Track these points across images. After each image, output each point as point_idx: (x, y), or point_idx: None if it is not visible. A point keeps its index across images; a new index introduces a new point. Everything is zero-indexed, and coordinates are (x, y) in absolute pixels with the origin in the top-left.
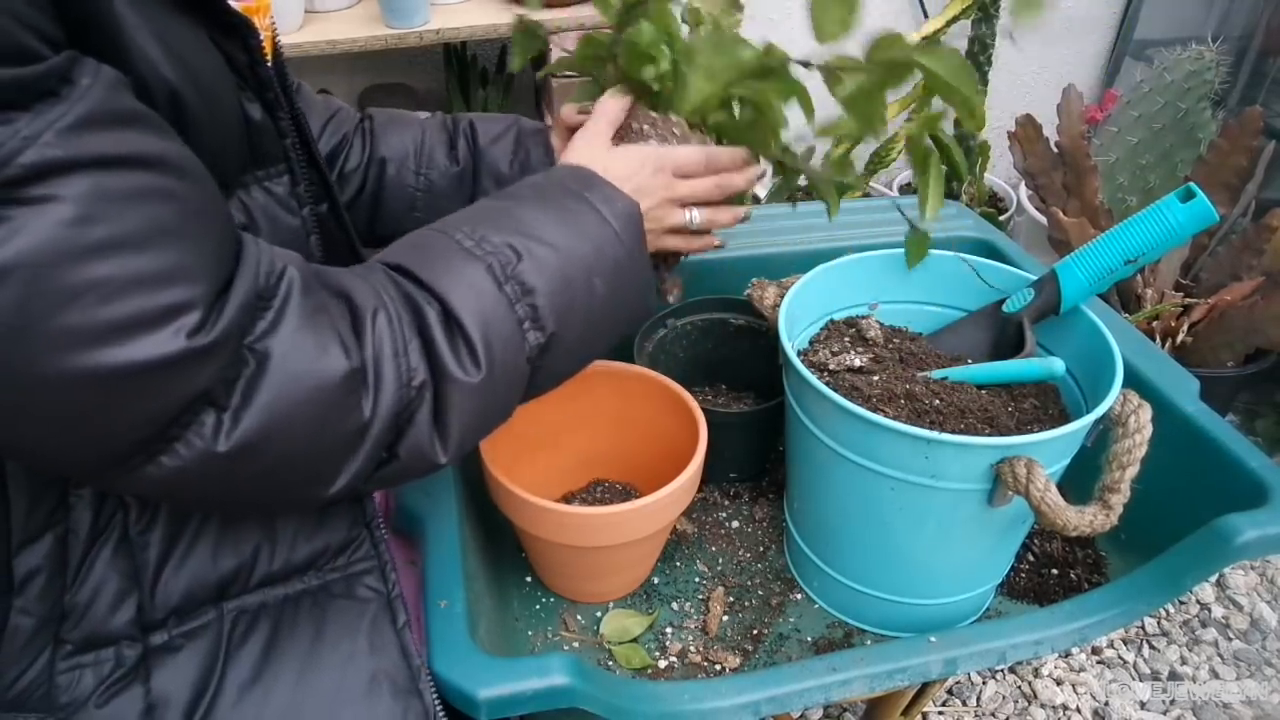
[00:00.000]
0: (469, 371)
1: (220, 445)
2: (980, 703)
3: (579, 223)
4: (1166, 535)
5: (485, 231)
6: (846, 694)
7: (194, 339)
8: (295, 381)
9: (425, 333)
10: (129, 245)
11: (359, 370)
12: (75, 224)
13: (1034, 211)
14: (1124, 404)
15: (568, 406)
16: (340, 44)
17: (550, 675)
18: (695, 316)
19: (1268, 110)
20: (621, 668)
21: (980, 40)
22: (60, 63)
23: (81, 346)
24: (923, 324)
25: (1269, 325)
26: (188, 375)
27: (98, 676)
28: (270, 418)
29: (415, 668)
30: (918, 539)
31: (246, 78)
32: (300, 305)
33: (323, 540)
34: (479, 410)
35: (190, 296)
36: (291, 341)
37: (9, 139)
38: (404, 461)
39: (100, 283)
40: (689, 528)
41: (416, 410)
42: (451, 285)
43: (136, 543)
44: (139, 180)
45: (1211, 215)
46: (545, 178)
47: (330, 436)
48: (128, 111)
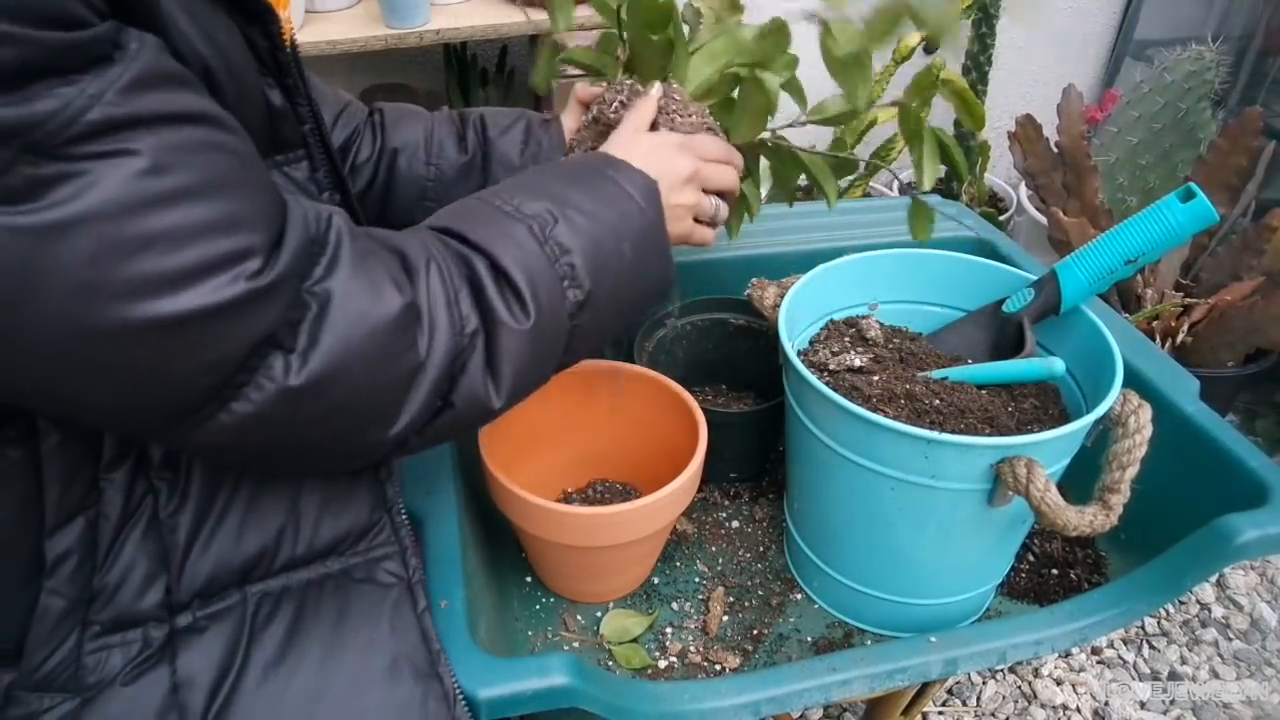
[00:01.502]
0: (519, 319)
1: (292, 381)
2: (980, 703)
3: (605, 194)
4: (1166, 535)
5: (521, 200)
6: (846, 694)
7: (254, 280)
8: (356, 320)
9: (475, 282)
10: (193, 195)
11: (413, 305)
12: (144, 175)
13: (1034, 211)
14: (1124, 404)
15: (568, 406)
16: (340, 44)
17: (550, 675)
18: (695, 316)
19: (1268, 110)
20: (621, 668)
21: (980, 40)
22: (107, 29)
23: (151, 295)
24: (923, 324)
25: (1269, 325)
26: (252, 318)
27: (125, 657)
28: (336, 357)
29: (435, 651)
30: (918, 539)
31: (268, 63)
32: (352, 249)
33: (345, 524)
34: (530, 356)
35: (251, 243)
36: (350, 283)
37: (76, 97)
38: (459, 409)
39: (167, 232)
40: (689, 528)
41: (470, 357)
42: (497, 241)
43: (165, 525)
44: (197, 134)
45: (1211, 215)
46: (569, 159)
47: (389, 374)
48: (176, 72)
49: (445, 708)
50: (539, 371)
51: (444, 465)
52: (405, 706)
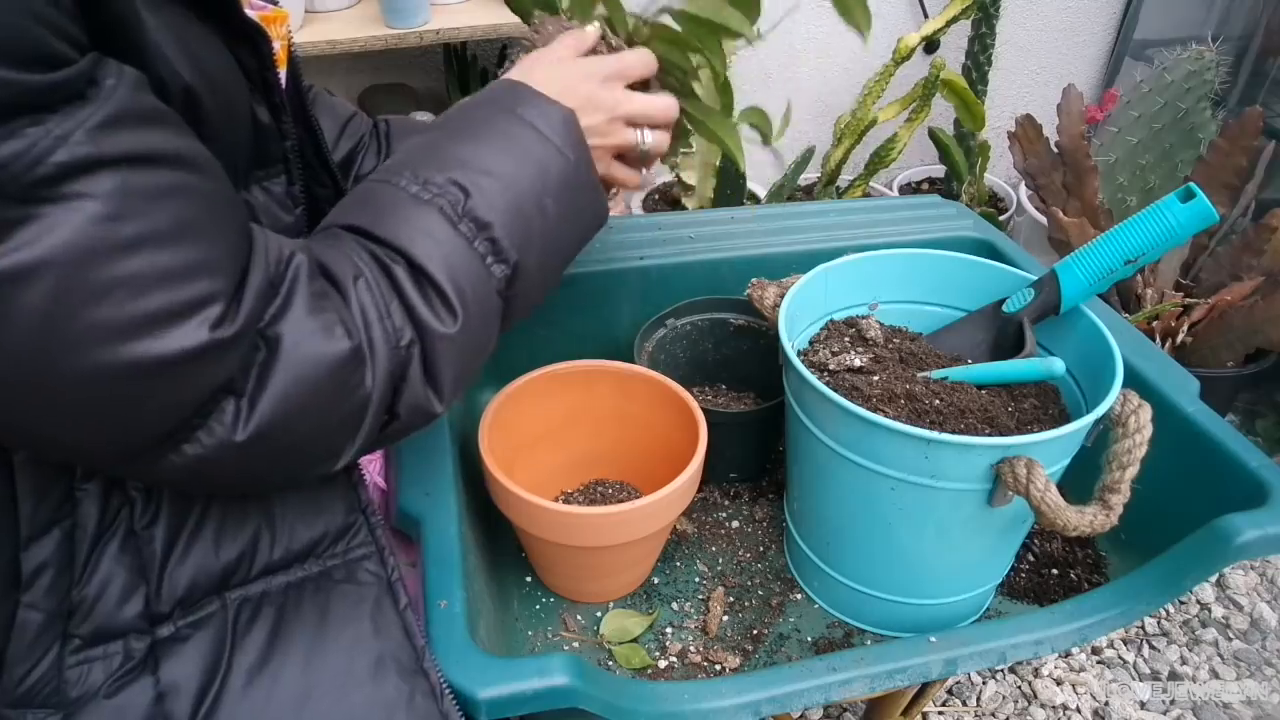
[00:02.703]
0: (445, 322)
1: (238, 434)
2: (980, 703)
3: (519, 145)
4: (1166, 535)
5: (427, 173)
6: (846, 694)
7: (217, 330)
8: (305, 365)
9: (400, 292)
10: (156, 241)
11: (359, 349)
12: (106, 221)
13: (1034, 211)
14: (1124, 404)
15: (568, 406)
16: (340, 44)
17: (550, 675)
18: (695, 316)
19: (1268, 110)
20: (621, 668)
21: (980, 40)
22: (85, 66)
23: (112, 341)
24: (923, 324)
25: (1269, 325)
26: (212, 366)
27: (107, 670)
28: (284, 401)
29: (419, 648)
30: (918, 539)
31: (256, 82)
32: (307, 290)
33: (320, 527)
34: (464, 355)
35: (213, 289)
36: (300, 326)
37: (41, 138)
38: (404, 419)
39: (129, 278)
40: (689, 528)
41: (408, 368)
42: (411, 236)
43: (142, 537)
44: (164, 177)
45: (1211, 215)
46: (476, 98)
47: (338, 413)
48: (150, 110)
49: (432, 703)
50: (479, 358)
51: (444, 465)
52: (392, 704)
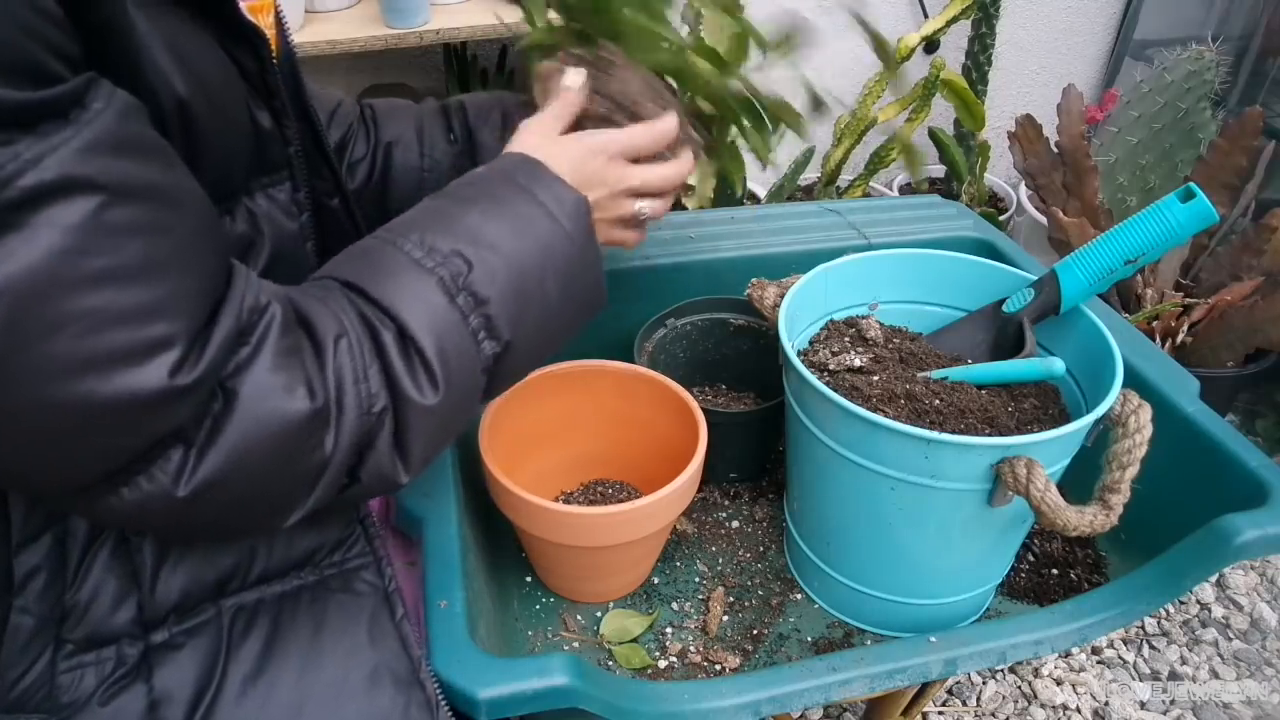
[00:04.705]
0: (426, 394)
1: (180, 487)
2: (980, 703)
3: (527, 223)
4: (1166, 535)
5: (434, 240)
6: (846, 694)
7: (175, 377)
8: (260, 422)
9: (383, 356)
10: (120, 278)
11: (322, 410)
12: (68, 254)
13: (1034, 211)
14: (1124, 404)
15: (567, 406)
16: (340, 44)
17: (550, 675)
18: (695, 316)
19: (1268, 110)
20: (621, 668)
21: (980, 40)
22: (75, 87)
23: (63, 376)
24: (923, 324)
25: (1269, 325)
26: (165, 412)
27: (99, 675)
28: (233, 457)
29: (416, 659)
30: (918, 539)
31: (256, 86)
32: (276, 345)
33: (317, 538)
34: (438, 429)
35: (174, 331)
36: (262, 381)
37: (8, 161)
38: (365, 484)
39: (87, 314)
40: (689, 528)
41: (377, 435)
42: (406, 303)
43: (133, 544)
44: (136, 213)
45: (1211, 215)
46: (490, 170)
47: (291, 474)
48: (134, 139)
49: (428, 715)
50: (452, 433)
51: (444, 465)
52: (387, 715)
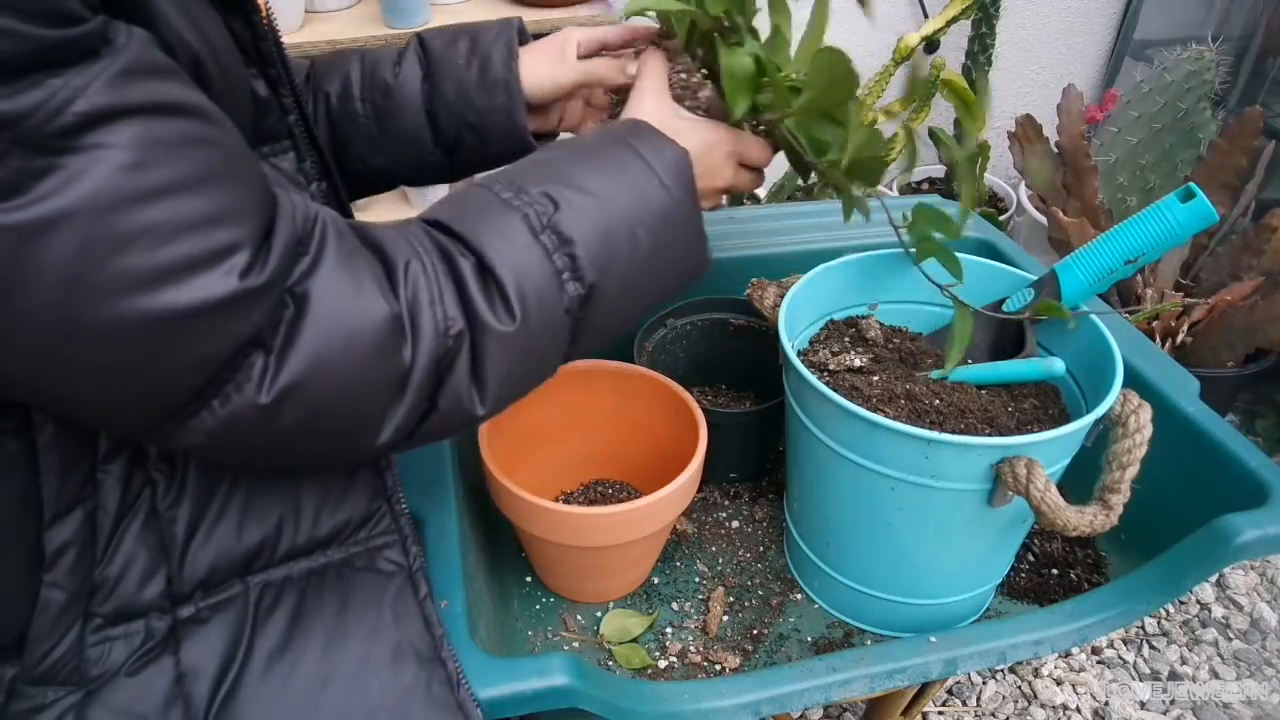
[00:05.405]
0: (503, 320)
1: (263, 395)
2: (980, 703)
3: (622, 170)
4: (1166, 535)
5: (524, 182)
6: (846, 694)
7: (246, 279)
8: (335, 323)
9: (460, 282)
10: (180, 189)
11: (397, 315)
12: (130, 169)
13: (1034, 211)
14: (1124, 404)
15: (567, 406)
16: (340, 44)
17: (550, 675)
18: (695, 316)
19: (1268, 110)
20: (621, 668)
21: (980, 40)
22: (98, 25)
23: (139, 291)
24: (923, 324)
25: (1269, 325)
26: (240, 316)
27: (128, 648)
28: (312, 360)
29: (438, 637)
30: (918, 539)
31: (250, 54)
32: (336, 249)
33: (344, 514)
34: (515, 362)
35: (239, 237)
36: (330, 283)
37: (60, 89)
38: (443, 412)
39: (155, 226)
40: (689, 528)
41: (455, 359)
42: (486, 236)
43: (164, 518)
44: (184, 127)
45: (1211, 215)
46: (600, 129)
47: (372, 381)
48: (163, 64)
49: (449, 691)
50: (534, 373)
51: (444, 465)
52: (409, 691)
